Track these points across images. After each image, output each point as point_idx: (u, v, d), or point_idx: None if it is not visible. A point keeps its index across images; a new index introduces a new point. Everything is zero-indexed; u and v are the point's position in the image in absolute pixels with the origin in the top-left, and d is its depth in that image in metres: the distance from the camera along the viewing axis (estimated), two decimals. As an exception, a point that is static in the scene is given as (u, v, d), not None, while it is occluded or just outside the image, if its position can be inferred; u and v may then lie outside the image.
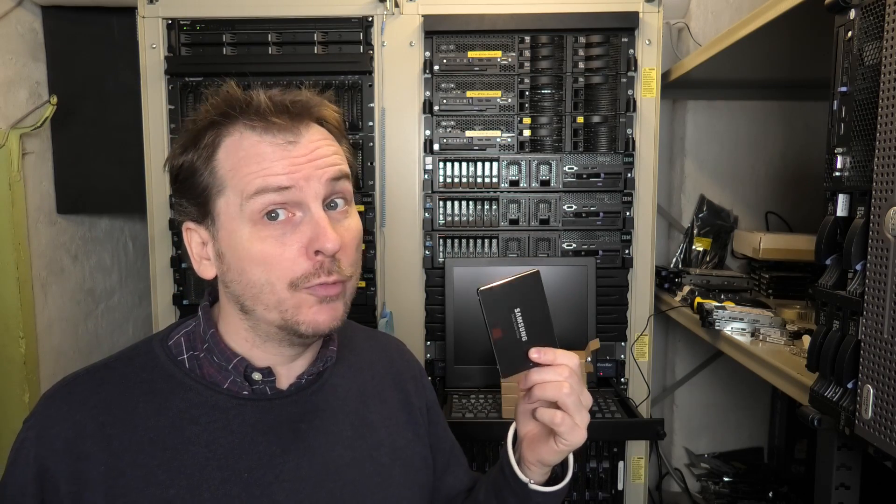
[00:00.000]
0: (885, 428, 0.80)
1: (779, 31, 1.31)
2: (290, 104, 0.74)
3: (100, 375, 0.77)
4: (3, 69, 1.75)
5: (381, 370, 0.93)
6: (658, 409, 2.30)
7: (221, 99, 0.75)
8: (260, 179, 0.71)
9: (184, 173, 0.75)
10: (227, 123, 0.74)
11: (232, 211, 0.72)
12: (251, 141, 0.72)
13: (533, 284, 0.76)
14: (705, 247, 2.12)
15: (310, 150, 0.73)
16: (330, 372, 0.85)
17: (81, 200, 1.96)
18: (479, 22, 1.63)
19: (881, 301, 0.81)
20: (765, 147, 2.16)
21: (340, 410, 0.83)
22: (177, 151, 0.76)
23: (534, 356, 0.75)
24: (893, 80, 0.79)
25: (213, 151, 0.73)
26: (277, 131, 0.73)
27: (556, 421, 0.74)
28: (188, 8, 1.65)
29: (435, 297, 1.68)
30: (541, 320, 0.76)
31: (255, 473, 0.75)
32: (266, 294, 0.73)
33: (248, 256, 0.72)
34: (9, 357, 1.75)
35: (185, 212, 0.77)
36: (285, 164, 0.71)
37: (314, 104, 0.76)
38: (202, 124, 0.75)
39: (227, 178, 0.73)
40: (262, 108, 0.73)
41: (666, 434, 1.53)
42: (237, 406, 0.77)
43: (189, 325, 0.82)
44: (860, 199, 0.88)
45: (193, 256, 0.78)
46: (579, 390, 0.75)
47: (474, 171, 1.68)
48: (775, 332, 1.40)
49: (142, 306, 2.36)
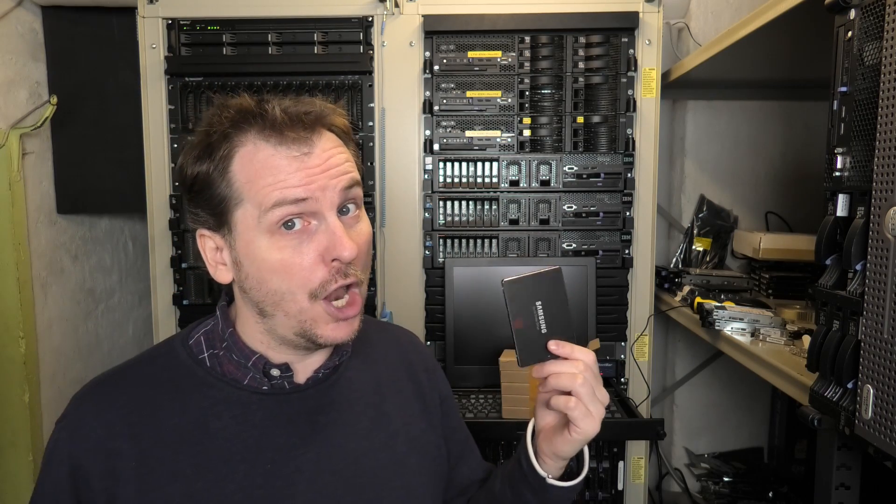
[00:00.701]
0: (885, 428, 0.80)
1: (779, 31, 1.31)
2: (303, 116, 0.75)
3: (126, 376, 0.80)
4: (3, 69, 1.75)
5: (395, 361, 0.95)
6: (658, 409, 2.29)
7: (234, 110, 0.75)
8: (278, 192, 0.72)
9: (199, 184, 0.76)
10: (241, 134, 0.75)
11: (249, 222, 0.74)
12: (266, 153, 0.74)
13: (555, 281, 0.78)
14: (705, 247, 2.12)
15: (323, 159, 0.75)
16: (345, 365, 0.87)
17: (81, 200, 1.96)
18: (479, 22, 1.63)
19: (881, 301, 0.81)
20: (765, 147, 2.16)
21: (357, 402, 0.86)
22: (190, 161, 0.77)
23: (552, 348, 0.78)
24: (893, 80, 0.79)
25: (227, 163, 0.74)
26: (292, 143, 0.74)
27: (570, 405, 0.76)
28: (188, 8, 1.65)
29: (435, 297, 1.68)
30: (560, 315, 0.79)
31: (277, 465, 0.77)
32: (288, 302, 0.75)
33: (266, 266, 0.74)
34: (9, 357, 1.75)
35: (200, 220, 0.78)
36: (301, 175, 0.73)
37: (326, 113, 0.78)
38: (216, 135, 0.75)
39: (243, 189, 0.74)
40: (277, 121, 0.74)
41: (666, 434, 1.53)
42: (258, 401, 0.79)
43: (208, 325, 0.84)
44: (860, 199, 0.88)
45: (209, 262, 0.80)
46: (594, 384, 0.77)
47: (474, 171, 1.68)
48: (775, 332, 1.40)
49: (142, 306, 2.36)
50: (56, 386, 1.91)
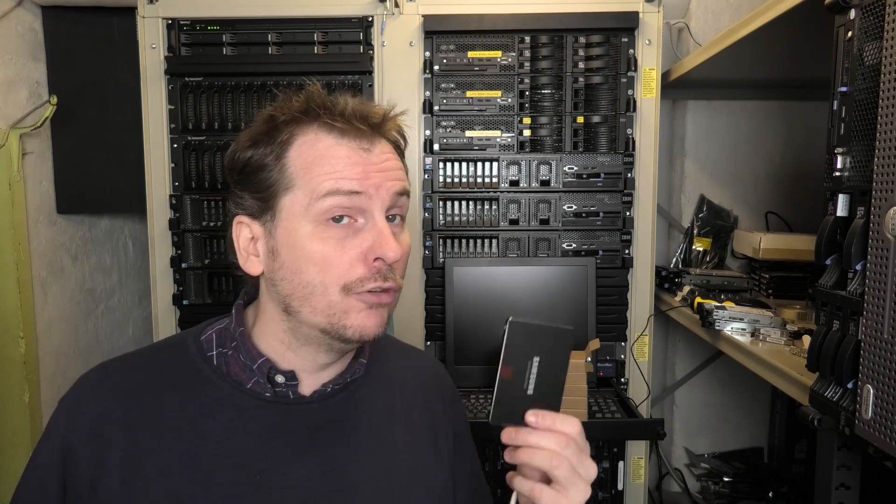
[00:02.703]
0: (885, 428, 0.80)
1: (779, 31, 1.31)
2: (371, 114, 0.75)
3: (132, 363, 0.79)
4: (3, 69, 1.75)
5: (413, 389, 0.89)
6: (658, 409, 2.29)
7: (305, 97, 0.75)
8: (332, 181, 0.71)
9: (251, 167, 0.75)
10: (305, 122, 0.74)
11: (297, 209, 0.72)
12: (327, 143, 0.73)
13: (563, 341, 0.71)
14: (705, 247, 2.12)
15: (381, 160, 0.74)
16: (357, 384, 0.83)
17: (81, 200, 1.96)
18: (479, 22, 1.63)
19: (881, 301, 0.81)
20: (765, 147, 2.16)
21: (363, 424, 0.81)
22: (244, 144, 0.76)
23: (530, 420, 0.68)
24: (893, 80, 0.79)
25: (286, 149, 0.73)
26: (354, 137, 0.73)
27: (536, 495, 0.66)
28: (188, 8, 1.65)
29: (435, 297, 1.68)
30: (554, 382, 0.71)
31: (266, 477, 0.74)
32: (317, 296, 0.73)
33: (305, 255, 0.72)
34: (9, 357, 1.75)
35: (243, 205, 0.76)
36: (358, 169, 0.72)
37: (391, 118, 0.78)
38: (280, 120, 0.74)
39: (296, 175, 0.72)
40: (347, 111, 0.73)
41: (666, 434, 1.53)
42: (256, 407, 0.76)
43: (222, 323, 0.82)
44: (860, 199, 0.88)
45: (240, 251, 0.78)
46: (577, 461, 0.67)
47: (474, 171, 1.68)
48: (775, 332, 1.40)
49: (142, 306, 2.36)
50: (56, 386, 1.91)
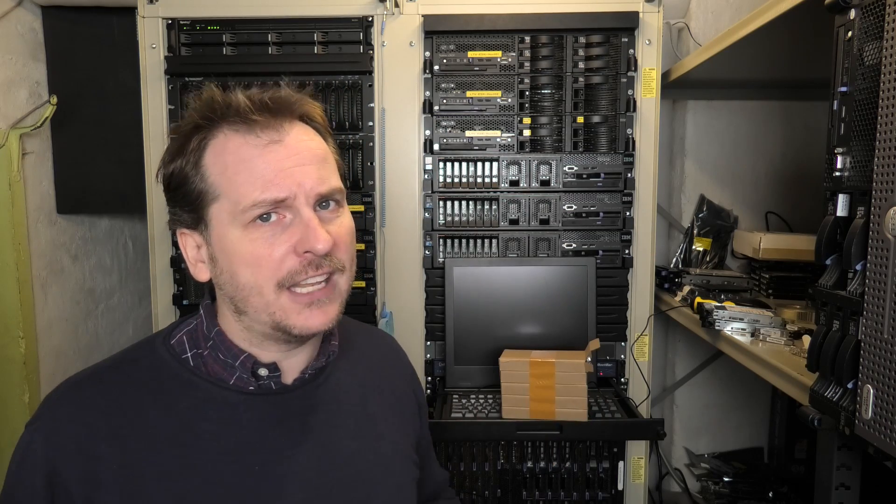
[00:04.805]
0: (885, 428, 0.80)
1: (779, 31, 1.31)
2: (269, 101, 0.74)
3: (106, 377, 0.78)
4: (3, 69, 1.75)
5: (377, 365, 0.95)
6: (658, 409, 2.29)
7: (203, 103, 0.76)
8: (256, 192, 0.71)
9: (175, 181, 0.76)
10: (211, 127, 0.74)
11: (224, 217, 0.74)
12: (236, 143, 0.73)
13: None
14: (705, 247, 2.12)
15: (297, 149, 0.74)
16: (333, 366, 0.87)
17: (81, 200, 1.96)
18: (479, 22, 1.63)
19: (881, 301, 0.81)
20: (765, 147, 2.16)
21: (344, 403, 0.86)
22: (166, 160, 0.77)
23: None
24: (893, 80, 0.79)
25: (200, 156, 0.74)
26: (260, 130, 0.73)
27: None
28: (188, 8, 1.65)
29: (435, 297, 1.68)
30: None
31: (267, 467, 0.76)
32: (255, 297, 0.74)
33: (238, 258, 0.73)
34: (9, 357, 1.75)
35: (180, 220, 0.78)
36: (275, 169, 0.72)
37: (294, 100, 0.77)
38: (186, 130, 0.75)
39: (217, 183, 0.73)
40: (241, 107, 0.73)
41: (666, 434, 1.54)
42: (245, 401, 0.78)
43: (191, 324, 0.82)
44: (860, 199, 0.88)
45: (189, 260, 0.80)
46: None
47: (474, 171, 1.68)
48: (775, 332, 1.40)
49: (142, 306, 2.36)
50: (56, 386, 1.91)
